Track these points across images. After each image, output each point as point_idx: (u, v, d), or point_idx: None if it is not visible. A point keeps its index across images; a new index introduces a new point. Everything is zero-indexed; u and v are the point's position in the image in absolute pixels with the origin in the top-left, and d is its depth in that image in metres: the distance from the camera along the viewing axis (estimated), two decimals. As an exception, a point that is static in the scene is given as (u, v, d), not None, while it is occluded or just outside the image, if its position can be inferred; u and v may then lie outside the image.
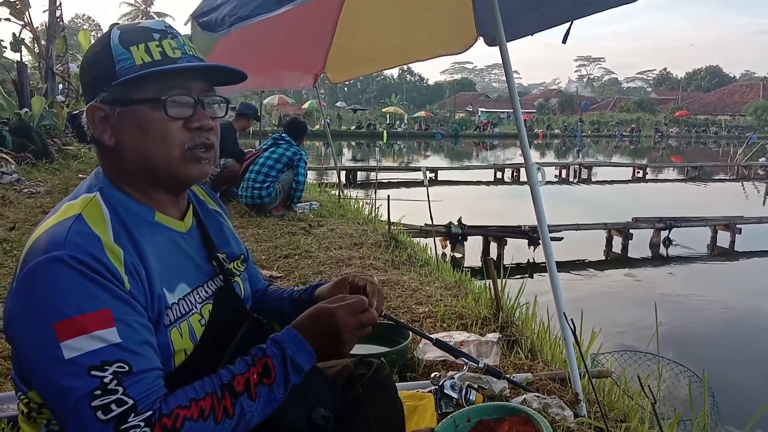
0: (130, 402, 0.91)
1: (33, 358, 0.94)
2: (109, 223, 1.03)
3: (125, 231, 1.05)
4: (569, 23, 2.60)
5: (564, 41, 2.60)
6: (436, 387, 2.17)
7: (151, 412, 0.92)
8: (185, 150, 1.08)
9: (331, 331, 1.09)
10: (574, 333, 2.05)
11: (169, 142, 1.07)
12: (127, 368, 0.93)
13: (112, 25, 1.15)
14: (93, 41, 1.15)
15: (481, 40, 3.28)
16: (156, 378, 0.97)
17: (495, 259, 8.72)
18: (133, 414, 0.91)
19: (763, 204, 16.28)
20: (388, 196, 5.44)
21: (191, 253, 1.19)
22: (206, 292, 1.19)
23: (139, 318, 0.99)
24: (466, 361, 2.27)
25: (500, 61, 2.40)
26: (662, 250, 10.08)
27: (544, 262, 2.35)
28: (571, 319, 2.06)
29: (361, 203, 7.54)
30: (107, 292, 0.95)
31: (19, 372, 1.08)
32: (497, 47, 2.39)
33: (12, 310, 0.97)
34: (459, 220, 8.87)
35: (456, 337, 2.71)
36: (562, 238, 8.98)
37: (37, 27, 13.44)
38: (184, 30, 1.45)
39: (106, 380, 0.90)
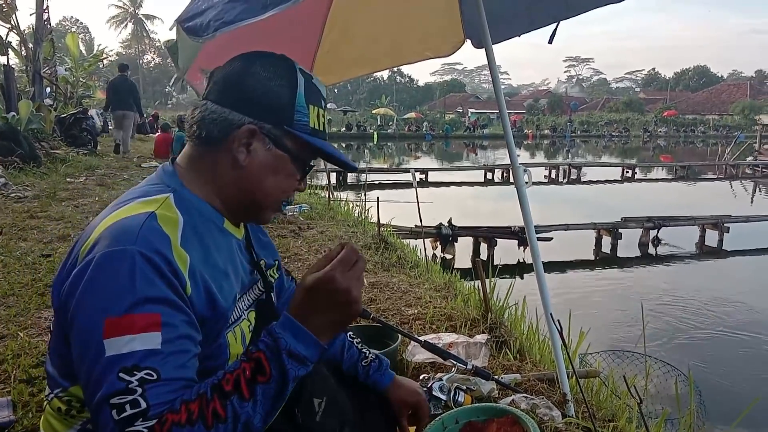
0: (144, 405, 0.88)
1: (80, 345, 0.93)
2: (181, 226, 1.04)
3: (195, 235, 1.07)
4: (556, 24, 2.62)
5: (550, 42, 2.61)
6: (425, 389, 2.17)
7: (157, 420, 0.88)
8: (282, 200, 1.21)
9: (338, 298, 0.96)
10: (561, 334, 2.07)
11: (282, 191, 1.18)
12: (155, 376, 0.90)
13: (294, 64, 1.18)
14: (252, 64, 1.15)
15: (468, 42, 3.28)
16: (182, 387, 0.93)
17: (485, 259, 8.75)
18: (141, 419, 0.87)
19: (751, 203, 16.46)
20: (378, 197, 5.44)
21: (242, 259, 1.24)
22: (249, 299, 1.24)
23: (187, 326, 0.98)
24: (455, 362, 2.28)
25: (487, 64, 2.41)
26: (651, 250, 10.16)
27: (533, 263, 2.36)
28: (558, 320, 2.07)
29: (350, 205, 7.55)
30: (169, 289, 0.96)
31: (60, 366, 1.07)
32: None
33: (72, 289, 0.96)
34: (449, 221, 8.90)
35: (445, 338, 2.72)
36: (552, 238, 9.02)
37: (25, 30, 13.35)
38: (170, 35, 1.45)
39: (131, 385, 0.89)
